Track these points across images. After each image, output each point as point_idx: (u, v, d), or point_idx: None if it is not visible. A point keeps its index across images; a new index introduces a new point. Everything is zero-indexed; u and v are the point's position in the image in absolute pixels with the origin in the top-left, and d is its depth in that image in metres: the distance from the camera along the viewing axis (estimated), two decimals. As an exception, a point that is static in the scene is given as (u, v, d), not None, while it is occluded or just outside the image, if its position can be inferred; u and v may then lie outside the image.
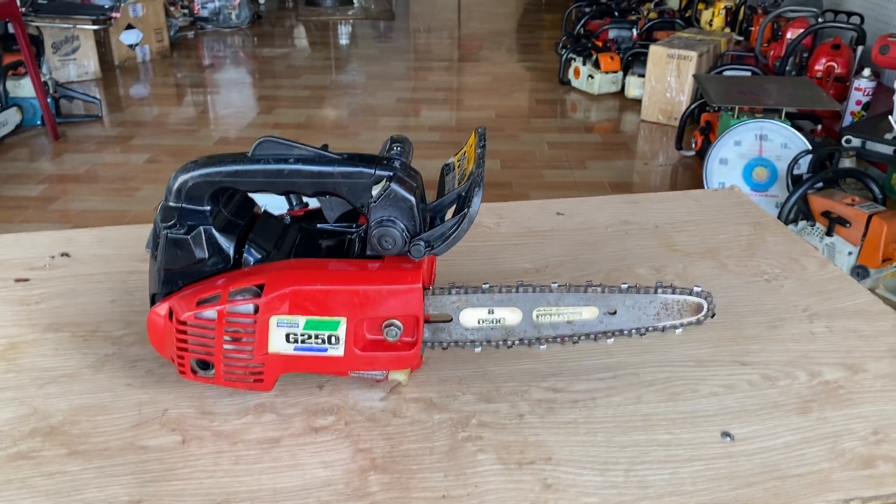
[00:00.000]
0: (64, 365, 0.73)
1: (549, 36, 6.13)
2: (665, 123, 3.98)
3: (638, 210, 1.06)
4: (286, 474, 0.60)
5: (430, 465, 0.61)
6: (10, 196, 3.10)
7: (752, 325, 0.81)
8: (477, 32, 6.49)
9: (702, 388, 0.71)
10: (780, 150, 2.75)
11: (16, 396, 0.68)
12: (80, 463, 0.61)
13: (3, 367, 0.72)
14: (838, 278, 0.89)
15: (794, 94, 3.03)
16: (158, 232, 0.65)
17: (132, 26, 5.02)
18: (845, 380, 0.72)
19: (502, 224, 1.02)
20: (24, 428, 0.65)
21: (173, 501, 0.58)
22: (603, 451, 0.63)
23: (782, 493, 0.59)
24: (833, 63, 3.41)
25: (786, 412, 0.68)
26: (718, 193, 1.12)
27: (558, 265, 0.92)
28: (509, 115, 4.20)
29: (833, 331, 0.80)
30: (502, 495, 0.59)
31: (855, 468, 0.62)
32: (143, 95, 4.68)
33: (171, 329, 0.65)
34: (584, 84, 4.51)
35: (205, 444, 0.63)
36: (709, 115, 3.33)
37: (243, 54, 5.71)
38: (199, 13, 6.09)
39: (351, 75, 5.16)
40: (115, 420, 0.66)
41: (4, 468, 0.60)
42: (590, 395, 0.70)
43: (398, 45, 6.25)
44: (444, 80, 5.05)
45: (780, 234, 1.00)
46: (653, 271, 0.91)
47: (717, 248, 0.96)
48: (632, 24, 4.70)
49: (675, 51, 3.88)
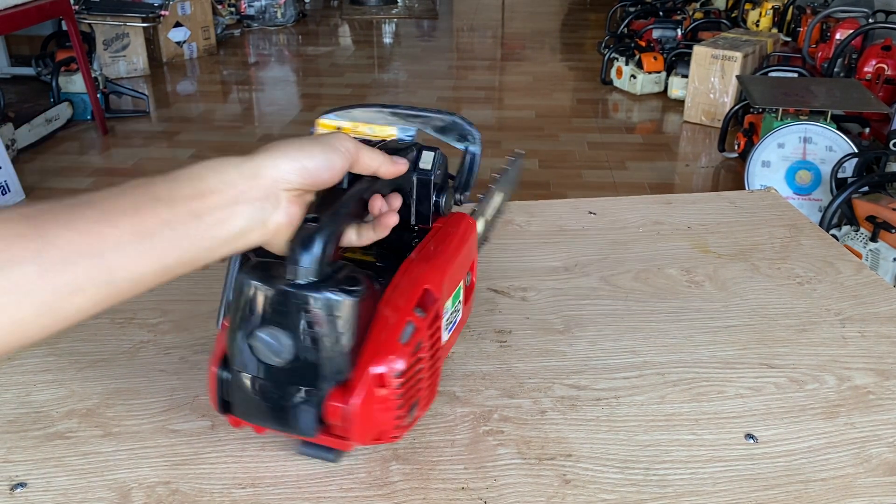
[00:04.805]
0: (101, 350, 0.75)
1: (592, 35, 6.09)
2: (708, 125, 3.93)
3: (671, 210, 1.06)
4: (310, 461, 0.62)
5: (450, 458, 0.62)
6: (61, 188, 3.20)
7: (782, 327, 0.80)
8: (520, 31, 6.48)
9: (727, 390, 0.71)
10: (825, 153, 2.70)
11: (55, 378, 0.71)
12: (113, 444, 0.63)
13: (44, 350, 0.75)
14: (874, 283, 0.88)
15: (840, 96, 2.97)
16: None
17: (180, 24, 5.13)
18: (875, 385, 0.71)
19: (533, 222, 1.02)
20: (62, 409, 0.67)
21: (201, 484, 0.59)
22: (624, 449, 0.63)
23: (804, 497, 0.59)
24: (883, 65, 3.33)
25: (812, 416, 0.67)
26: (754, 195, 1.11)
27: (588, 264, 0.92)
28: (550, 115, 4.19)
29: (865, 336, 0.79)
30: (521, 489, 0.59)
31: (881, 474, 0.61)
32: (190, 92, 4.77)
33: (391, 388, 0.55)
34: (627, 84, 4.48)
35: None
36: (752, 116, 3.28)
37: (288, 52, 5.79)
38: (246, 11, 6.19)
39: (393, 74, 5.19)
40: (147, 404, 0.68)
41: (43, 446, 0.63)
42: (613, 393, 0.70)
43: (440, 43, 6.27)
44: (485, 78, 5.05)
45: (815, 237, 0.99)
46: (683, 272, 0.90)
47: (749, 250, 0.95)
48: (676, 24, 4.65)
49: (720, 51, 3.83)
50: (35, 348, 0.75)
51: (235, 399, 0.57)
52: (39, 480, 0.59)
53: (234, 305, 0.55)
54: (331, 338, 0.53)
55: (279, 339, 0.52)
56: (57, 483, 0.59)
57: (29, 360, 0.74)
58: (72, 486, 0.59)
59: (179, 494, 0.58)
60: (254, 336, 0.52)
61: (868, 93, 3.00)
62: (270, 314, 0.52)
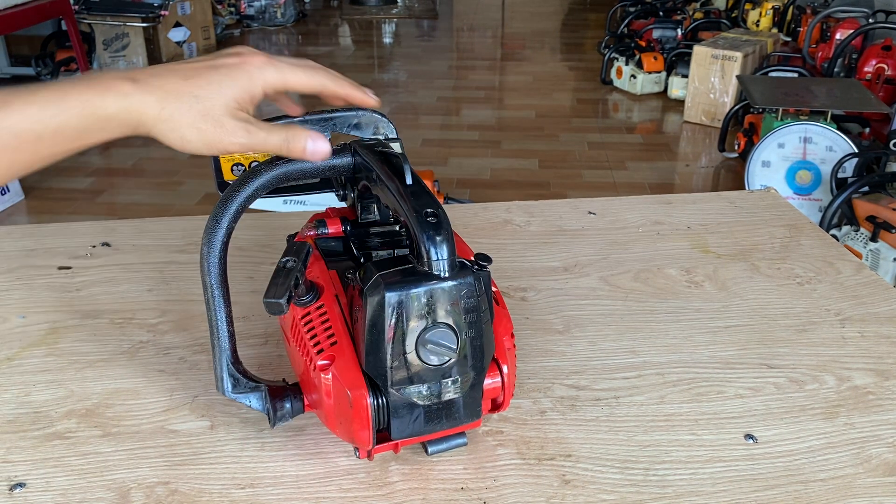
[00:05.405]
0: (101, 350, 0.75)
1: (592, 35, 6.09)
2: (708, 125, 3.93)
3: (671, 210, 1.06)
4: (310, 461, 0.62)
5: (449, 458, 0.62)
6: (60, 188, 3.19)
7: (782, 328, 0.80)
8: (520, 31, 6.48)
9: (727, 390, 0.71)
10: (825, 153, 2.69)
11: (54, 379, 0.71)
12: (112, 444, 0.63)
13: (43, 350, 0.75)
14: (874, 283, 0.88)
15: (840, 96, 2.97)
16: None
17: (180, 24, 5.12)
18: (875, 386, 0.71)
19: (533, 222, 1.02)
20: (62, 409, 0.67)
21: (200, 484, 0.59)
22: (623, 450, 0.63)
23: (804, 497, 0.59)
24: (883, 65, 3.33)
25: (812, 416, 0.67)
26: (754, 195, 1.11)
27: (588, 264, 0.92)
28: (550, 115, 4.19)
29: (865, 336, 0.78)
30: (520, 489, 0.59)
31: (881, 474, 0.61)
32: (190, 92, 4.76)
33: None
34: (627, 84, 4.47)
35: (232, 430, 0.65)
36: (752, 116, 3.28)
37: (287, 52, 5.79)
38: (246, 11, 6.18)
39: (393, 73, 5.19)
40: (146, 404, 0.68)
41: (42, 447, 0.63)
42: (613, 393, 0.70)
43: (441, 43, 6.26)
44: (485, 78, 5.05)
45: (815, 237, 0.98)
46: (683, 272, 0.90)
47: (749, 251, 0.95)
48: (676, 24, 4.65)
49: (720, 51, 3.82)
50: (35, 348, 0.75)
51: (396, 420, 0.55)
52: (38, 480, 0.59)
53: (374, 329, 0.53)
54: (486, 315, 0.55)
55: (446, 333, 0.53)
56: (56, 483, 0.59)
57: (28, 360, 0.74)
58: (71, 486, 0.59)
59: (178, 495, 0.58)
60: (424, 342, 0.53)
61: (868, 93, 3.00)
62: (431, 314, 0.52)
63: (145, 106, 0.52)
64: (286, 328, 0.63)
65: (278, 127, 0.56)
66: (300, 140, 0.56)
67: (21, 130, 0.49)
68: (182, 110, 0.52)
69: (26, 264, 0.90)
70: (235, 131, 0.54)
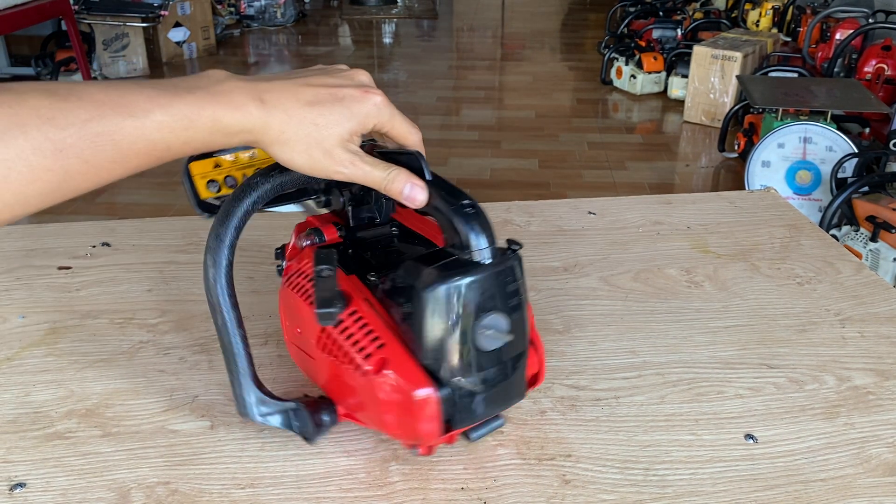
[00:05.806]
0: (101, 350, 0.75)
1: (592, 35, 6.09)
2: (708, 125, 3.93)
3: (671, 210, 1.06)
4: (310, 461, 0.62)
5: (449, 458, 0.62)
6: (60, 188, 3.19)
7: (782, 328, 0.80)
8: (520, 31, 6.48)
9: (727, 390, 0.71)
10: (825, 153, 2.70)
11: (54, 379, 0.71)
12: (112, 444, 0.63)
13: (43, 350, 0.75)
14: (874, 283, 0.88)
15: (840, 96, 2.97)
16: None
17: (180, 24, 5.12)
18: (875, 386, 0.71)
19: (533, 222, 1.02)
20: (62, 409, 0.67)
21: (200, 484, 0.59)
22: (624, 450, 0.63)
23: (804, 498, 0.59)
24: (883, 65, 3.33)
25: (812, 416, 0.67)
26: (754, 195, 1.11)
27: (587, 264, 0.92)
28: (550, 115, 4.19)
29: (865, 336, 0.78)
30: (520, 489, 0.59)
31: (881, 474, 0.61)
32: (190, 92, 4.76)
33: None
34: (627, 84, 4.48)
35: (232, 431, 0.65)
36: (752, 116, 3.28)
37: (287, 52, 5.79)
38: (246, 11, 6.19)
39: (393, 73, 5.19)
40: (147, 405, 0.68)
41: (42, 447, 0.63)
42: (613, 393, 0.70)
43: (440, 43, 6.27)
44: (485, 78, 5.05)
45: (815, 237, 0.98)
46: (683, 272, 0.90)
47: (749, 251, 0.95)
48: (676, 24, 4.65)
49: (720, 51, 3.83)
50: (35, 348, 0.75)
51: (459, 410, 0.56)
52: (39, 481, 0.59)
53: (431, 323, 0.53)
54: (525, 296, 0.57)
55: (499, 318, 0.54)
56: (56, 483, 0.59)
57: (28, 360, 0.74)
58: (71, 486, 0.59)
59: (179, 495, 0.58)
60: (480, 328, 0.54)
61: (868, 93, 3.00)
62: (484, 301, 0.54)
63: (268, 128, 0.54)
64: (306, 344, 0.62)
65: (382, 164, 0.57)
66: (400, 182, 0.56)
67: (156, 140, 0.50)
68: (300, 136, 0.54)
69: (26, 264, 0.90)
70: (343, 162, 0.55)
